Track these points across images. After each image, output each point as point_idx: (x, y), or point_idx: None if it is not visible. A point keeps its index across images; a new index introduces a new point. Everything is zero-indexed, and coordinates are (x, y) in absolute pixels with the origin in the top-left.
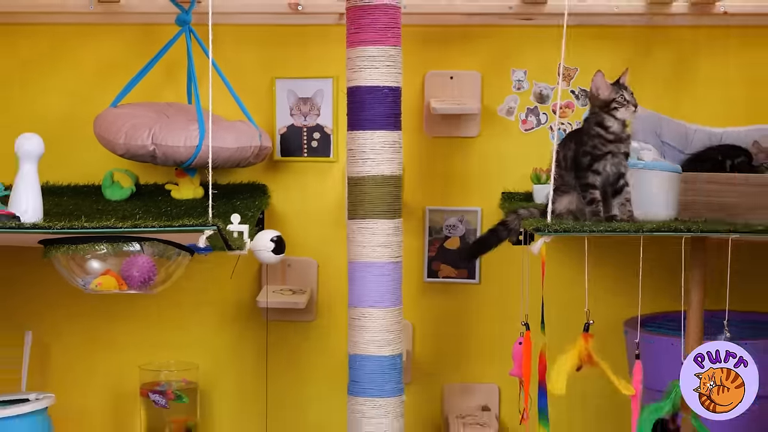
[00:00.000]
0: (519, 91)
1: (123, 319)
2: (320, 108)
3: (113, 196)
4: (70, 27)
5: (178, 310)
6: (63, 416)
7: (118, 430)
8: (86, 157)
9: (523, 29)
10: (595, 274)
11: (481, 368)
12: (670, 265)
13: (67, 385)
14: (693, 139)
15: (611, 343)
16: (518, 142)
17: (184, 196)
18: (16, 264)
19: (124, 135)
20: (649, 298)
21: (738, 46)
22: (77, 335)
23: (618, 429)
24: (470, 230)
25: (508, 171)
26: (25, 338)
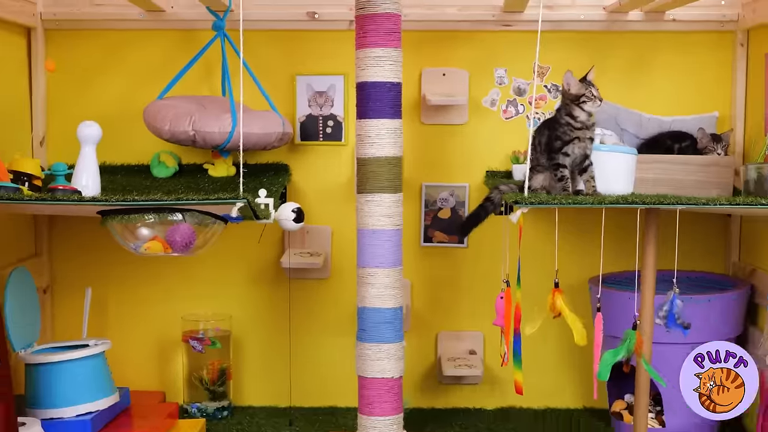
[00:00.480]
0: (501, 86)
1: (167, 277)
2: (333, 100)
3: (159, 174)
4: (124, 33)
5: (214, 269)
6: (117, 359)
7: (163, 371)
8: (137, 141)
9: (504, 34)
10: (565, 239)
11: (469, 318)
12: (627, 232)
13: (120, 332)
14: (647, 127)
15: (578, 297)
16: (500, 128)
17: (219, 174)
18: (78, 231)
19: (168, 122)
20: (610, 259)
21: (684, 48)
22: (129, 291)
23: (583, 370)
24: (459, 202)
25: (491, 153)
26: (86, 294)
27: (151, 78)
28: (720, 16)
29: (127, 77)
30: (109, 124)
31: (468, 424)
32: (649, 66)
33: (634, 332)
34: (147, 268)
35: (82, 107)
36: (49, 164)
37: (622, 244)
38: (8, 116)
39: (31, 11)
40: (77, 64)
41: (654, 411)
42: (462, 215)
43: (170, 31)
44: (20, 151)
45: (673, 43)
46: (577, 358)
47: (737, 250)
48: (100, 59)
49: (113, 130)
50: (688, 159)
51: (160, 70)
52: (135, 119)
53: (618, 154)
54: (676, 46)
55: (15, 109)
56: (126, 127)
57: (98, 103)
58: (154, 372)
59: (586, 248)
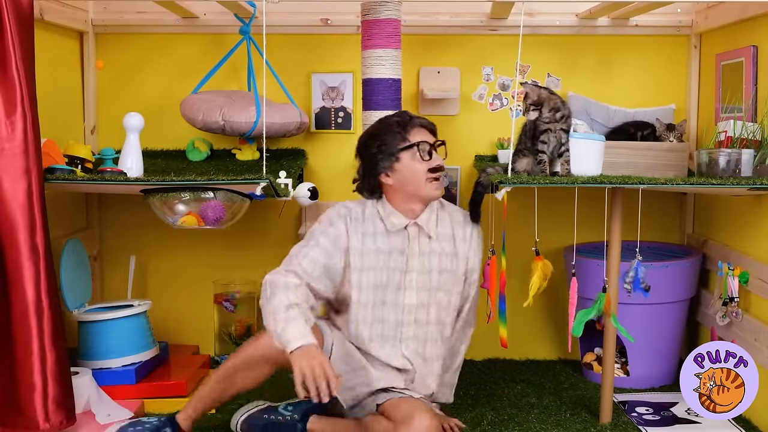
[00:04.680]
0: (488, 82)
1: (201, 247)
2: (344, 94)
3: (194, 158)
4: (163, 36)
5: (240, 240)
6: (158, 317)
7: (197, 328)
8: (174, 129)
9: (490, 37)
10: (543, 215)
11: None
12: (597, 208)
13: (160, 294)
14: (613, 117)
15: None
16: (487, 119)
17: (245, 158)
18: (124, 207)
19: (202, 113)
20: (582, 232)
21: (646, 49)
22: (167, 258)
23: (558, 328)
24: (452, 183)
25: (479, 140)
26: (130, 261)
27: (186, 75)
28: (676, 22)
29: (165, 74)
30: (150, 115)
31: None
32: (616, 65)
33: (604, 294)
34: (183, 238)
35: (127, 100)
36: (99, 149)
37: (592, 219)
38: (64, 108)
39: (83, 18)
40: (123, 63)
41: (620, 362)
42: (454, 193)
43: (203, 35)
44: (74, 138)
45: (636, 45)
46: (553, 316)
47: (691, 223)
48: (142, 59)
49: (154, 120)
50: (649, 145)
51: (194, 69)
52: (172, 110)
53: (589, 141)
54: (638, 47)
55: (69, 102)
56: (165, 117)
57: (141, 97)
58: (189, 328)
59: (561, 222)
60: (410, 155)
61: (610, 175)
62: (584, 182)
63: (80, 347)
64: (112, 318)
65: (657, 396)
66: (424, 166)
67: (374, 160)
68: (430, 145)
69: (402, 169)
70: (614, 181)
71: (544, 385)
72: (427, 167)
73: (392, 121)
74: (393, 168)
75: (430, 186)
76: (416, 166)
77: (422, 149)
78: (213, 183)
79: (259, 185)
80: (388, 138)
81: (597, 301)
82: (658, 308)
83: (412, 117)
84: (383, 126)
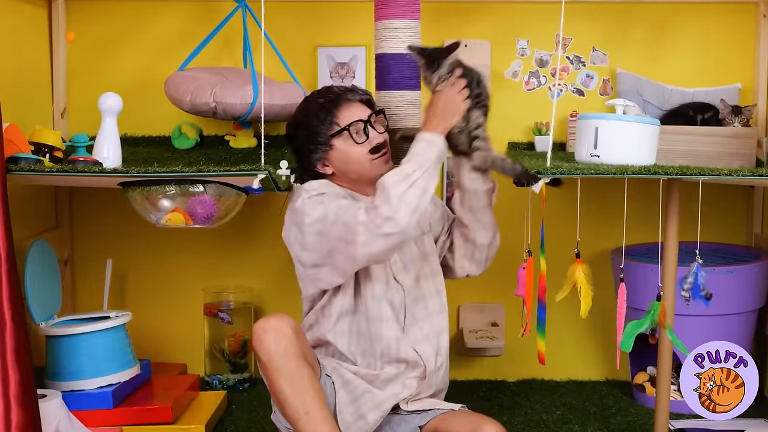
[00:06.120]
0: (523, 57)
1: (188, 248)
2: (355, 71)
3: (181, 146)
4: (144, 3)
5: (234, 241)
6: (138, 331)
7: (184, 343)
8: (158, 112)
9: (526, 5)
10: (587, 210)
11: (490, 291)
12: (650, 203)
13: (141, 304)
14: (669, 98)
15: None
16: (522, 100)
17: (240, 146)
18: (99, 203)
19: (190, 94)
20: (632, 231)
21: (707, 18)
22: (150, 263)
23: (605, 341)
24: None
25: (513, 124)
26: (107, 265)
27: (172, 49)
28: None
29: (147, 48)
30: (130, 96)
31: (491, 396)
32: (672, 37)
33: (658, 304)
34: (168, 239)
35: (103, 78)
36: (70, 136)
37: (644, 216)
38: (29, 88)
39: None
40: (98, 35)
41: (676, 383)
42: None
43: (191, 2)
44: (41, 123)
45: (696, 13)
46: (600, 329)
47: (760, 221)
48: (120, 30)
49: (134, 102)
50: (711, 131)
51: (181, 42)
52: (156, 90)
53: (641, 125)
54: (698, 16)
55: (36, 81)
56: (147, 98)
57: (119, 75)
58: (175, 344)
59: (608, 220)
60: (343, 140)
61: (666, 165)
62: (636, 173)
63: (48, 366)
64: (85, 332)
65: (720, 423)
66: (363, 148)
67: (304, 152)
68: (365, 123)
69: (338, 156)
70: (670, 171)
71: (589, 409)
72: (367, 149)
73: (316, 104)
74: (328, 157)
75: (376, 165)
76: (354, 151)
77: (355, 131)
78: (203, 175)
79: (257, 177)
80: (314, 124)
81: (650, 312)
82: (721, 320)
83: (338, 93)
84: (308, 109)
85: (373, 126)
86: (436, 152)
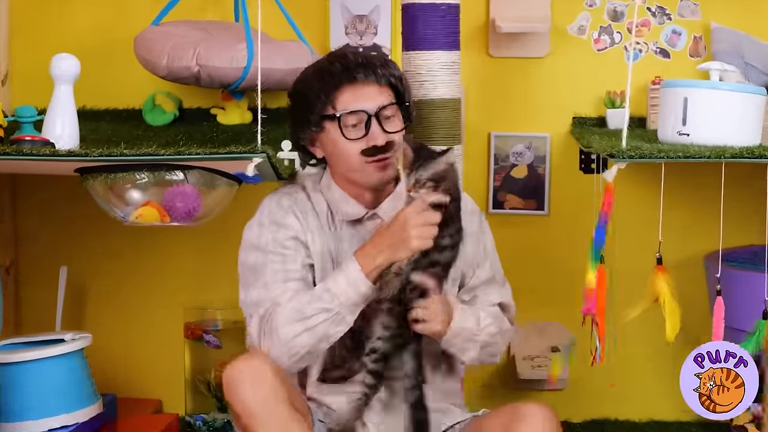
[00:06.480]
0: (591, 8)
1: (165, 253)
2: (377, 26)
3: (155, 121)
4: None
5: (223, 244)
6: (101, 358)
7: (160, 374)
8: (125, 79)
9: None
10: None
11: (550, 305)
12: (754, 195)
13: (105, 324)
14: None
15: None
16: (590, 62)
17: (230, 121)
18: (51, 195)
19: (166, 55)
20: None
21: None
22: (115, 271)
23: None
24: (539, 157)
25: (579, 94)
26: (60, 274)
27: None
28: None
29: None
30: (89, 58)
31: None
32: None
33: (765, 323)
34: (138, 241)
35: (56, 37)
36: (13, 109)
37: (746, 211)
38: None
39: None
40: None
41: None
42: (542, 174)
43: None
44: None
45: None
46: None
47: None
48: None
49: (95, 66)
50: None
51: None
52: (123, 51)
53: (742, 95)
54: None
55: None
56: (111, 61)
57: (76, 32)
58: (147, 374)
59: (700, 216)
60: (336, 127)
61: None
62: (735, 156)
63: None
64: (32, 359)
65: None
66: (355, 145)
67: (295, 123)
68: (369, 116)
69: (327, 143)
70: None
71: None
72: (360, 147)
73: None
74: (318, 139)
75: (368, 169)
76: (343, 145)
77: (346, 125)
78: (183, 158)
79: (252, 162)
80: (310, 95)
81: (756, 332)
82: None
83: (349, 66)
84: (308, 75)
85: (381, 121)
86: (355, 296)
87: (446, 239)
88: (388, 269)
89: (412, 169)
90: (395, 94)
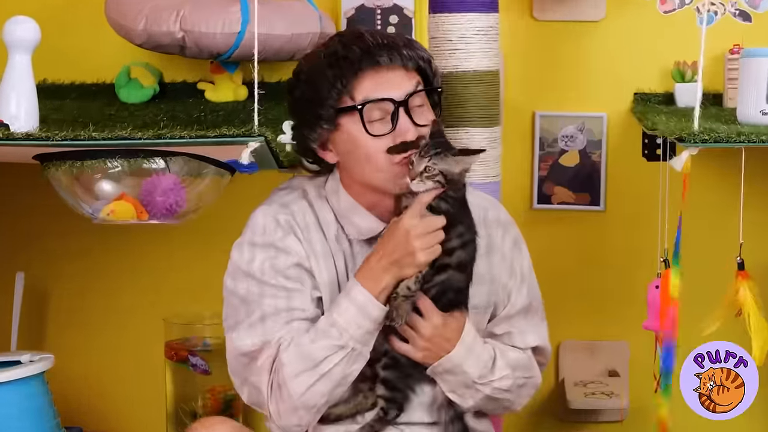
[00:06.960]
0: None
1: (142, 257)
2: None
3: (130, 98)
4: None
5: (213, 245)
6: (66, 384)
7: (136, 404)
8: (96, 48)
9: None
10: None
11: (607, 321)
12: None
13: (69, 342)
14: None
15: None
16: (655, 27)
17: (221, 98)
18: (5, 187)
19: (144, 19)
20: None
21: None
22: (82, 279)
23: None
24: (593, 142)
25: (642, 65)
26: (16, 283)
27: None
28: None
29: None
30: (51, 22)
31: None
32: None
33: None
34: (110, 243)
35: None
36: None
37: None
38: None
39: None
40: None
41: None
42: (597, 161)
43: None
44: None
45: None
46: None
47: None
48: None
49: (58, 32)
50: None
51: None
52: (92, 14)
53: None
54: None
55: None
56: (78, 26)
57: None
58: (119, 404)
59: None
60: (355, 123)
61: None
62: None
63: None
64: None
65: None
66: (380, 143)
67: (301, 122)
68: (396, 104)
69: (344, 143)
70: None
71: None
72: (386, 146)
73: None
74: (332, 140)
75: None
76: (366, 143)
77: (369, 118)
78: (164, 142)
79: (248, 147)
80: (320, 86)
81: None
82: None
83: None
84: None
85: (410, 112)
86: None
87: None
88: (395, 291)
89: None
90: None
